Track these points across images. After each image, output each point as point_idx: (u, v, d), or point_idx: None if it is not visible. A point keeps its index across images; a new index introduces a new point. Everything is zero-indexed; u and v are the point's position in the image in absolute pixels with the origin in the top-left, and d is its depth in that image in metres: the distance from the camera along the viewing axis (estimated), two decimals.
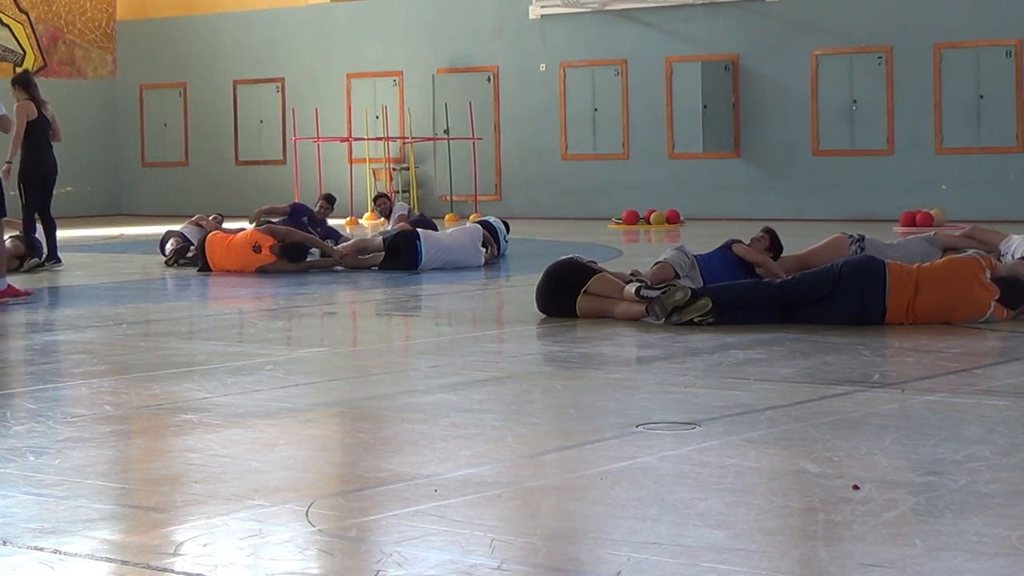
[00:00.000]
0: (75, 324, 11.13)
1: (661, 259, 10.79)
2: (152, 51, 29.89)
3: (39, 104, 15.80)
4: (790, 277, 10.16)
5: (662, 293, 9.86)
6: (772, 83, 23.90)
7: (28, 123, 15.66)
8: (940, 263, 10.03)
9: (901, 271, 9.75)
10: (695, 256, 10.90)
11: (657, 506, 5.02)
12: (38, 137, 15.73)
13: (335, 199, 18.08)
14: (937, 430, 6.20)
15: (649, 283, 10.19)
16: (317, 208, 17.33)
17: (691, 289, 9.81)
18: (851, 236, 11.72)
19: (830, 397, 7.13)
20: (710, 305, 9.67)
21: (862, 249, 11.45)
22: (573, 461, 5.91)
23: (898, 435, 6.15)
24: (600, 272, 10.46)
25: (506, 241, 16.19)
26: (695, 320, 9.69)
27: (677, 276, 10.60)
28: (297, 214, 17.01)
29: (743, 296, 9.89)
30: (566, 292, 10.37)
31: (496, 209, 24.62)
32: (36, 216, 15.77)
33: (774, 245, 11.24)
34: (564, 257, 10.84)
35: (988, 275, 9.72)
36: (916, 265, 10.01)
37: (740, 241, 11.16)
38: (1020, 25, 22.19)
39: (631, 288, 10.14)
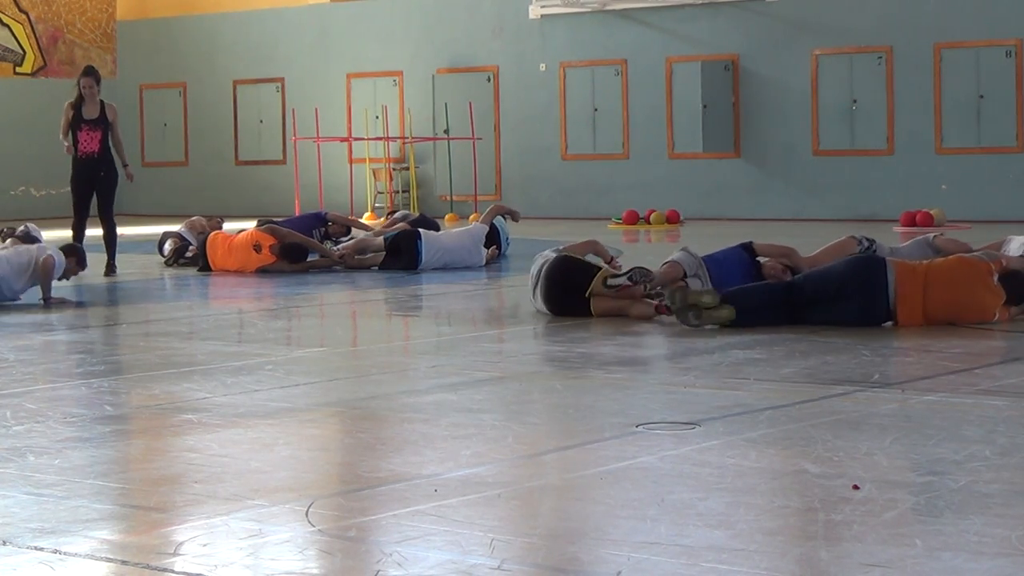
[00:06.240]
0: (75, 324, 11.13)
1: (670, 259, 10.77)
2: (152, 51, 29.88)
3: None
4: (797, 276, 10.09)
5: (633, 274, 9.92)
6: (772, 83, 23.90)
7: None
8: (950, 261, 9.81)
9: (906, 269, 9.58)
10: (701, 257, 10.87)
11: (657, 506, 5.01)
12: None
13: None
14: (937, 430, 6.20)
15: (632, 276, 10.15)
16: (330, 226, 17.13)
17: (719, 295, 9.66)
18: (861, 242, 11.24)
19: (830, 397, 7.13)
20: (733, 318, 9.54)
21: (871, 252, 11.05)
22: (573, 461, 5.91)
23: (898, 435, 6.14)
24: (601, 269, 10.46)
25: (507, 243, 16.19)
26: (709, 325, 9.61)
27: (685, 275, 10.58)
28: (308, 220, 16.96)
29: (755, 297, 9.79)
30: (572, 292, 10.34)
31: None
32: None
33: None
34: (554, 255, 10.71)
35: (995, 278, 9.61)
36: (925, 262, 9.87)
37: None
38: (1020, 25, 22.18)
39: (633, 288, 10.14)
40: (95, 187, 15.27)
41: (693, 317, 9.58)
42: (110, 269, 14.98)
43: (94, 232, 15.25)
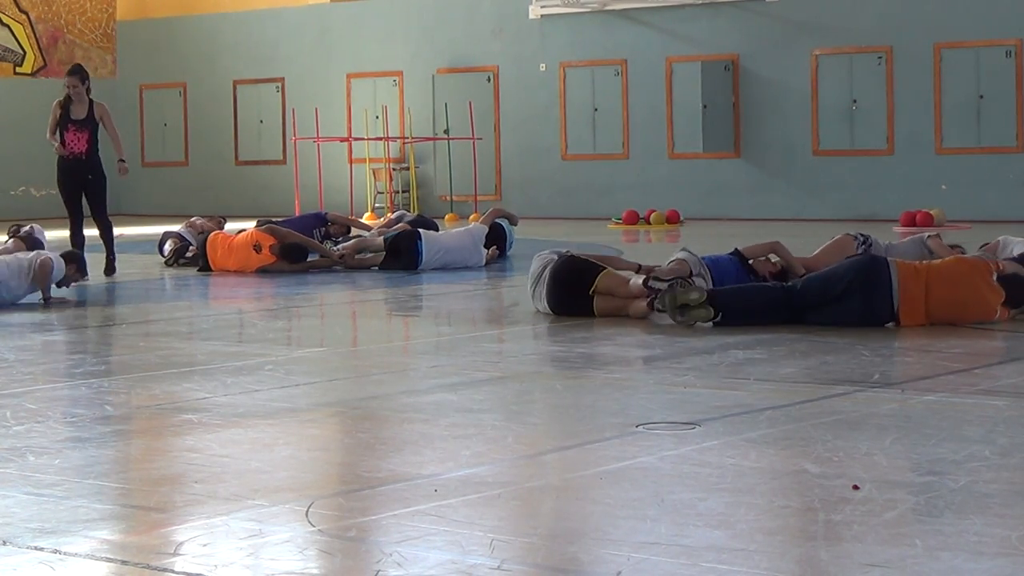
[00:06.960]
0: (75, 324, 11.13)
1: (677, 256, 10.76)
2: (152, 51, 29.88)
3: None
4: (796, 280, 10.10)
5: (673, 284, 9.85)
6: (772, 83, 23.90)
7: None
8: (950, 261, 9.85)
9: (908, 269, 9.58)
10: (701, 257, 10.89)
11: (657, 506, 5.01)
12: None
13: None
14: (937, 430, 6.20)
15: (659, 275, 10.15)
16: (331, 226, 17.09)
17: (707, 292, 9.74)
18: (857, 238, 11.33)
19: (830, 397, 7.13)
20: (712, 316, 9.64)
21: (868, 249, 11.19)
22: (573, 461, 5.91)
23: (898, 435, 6.14)
24: (605, 269, 10.46)
25: (511, 245, 16.20)
26: (692, 323, 9.68)
27: (691, 274, 10.59)
28: (308, 220, 16.95)
29: (751, 299, 9.82)
30: (577, 292, 10.35)
31: None
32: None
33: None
34: (561, 254, 10.74)
35: (995, 277, 9.64)
36: (925, 263, 9.89)
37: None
38: (1020, 25, 22.19)
39: (639, 280, 10.13)
40: (83, 189, 14.68)
41: (679, 313, 9.68)
42: (109, 267, 14.83)
43: (90, 232, 15.01)
